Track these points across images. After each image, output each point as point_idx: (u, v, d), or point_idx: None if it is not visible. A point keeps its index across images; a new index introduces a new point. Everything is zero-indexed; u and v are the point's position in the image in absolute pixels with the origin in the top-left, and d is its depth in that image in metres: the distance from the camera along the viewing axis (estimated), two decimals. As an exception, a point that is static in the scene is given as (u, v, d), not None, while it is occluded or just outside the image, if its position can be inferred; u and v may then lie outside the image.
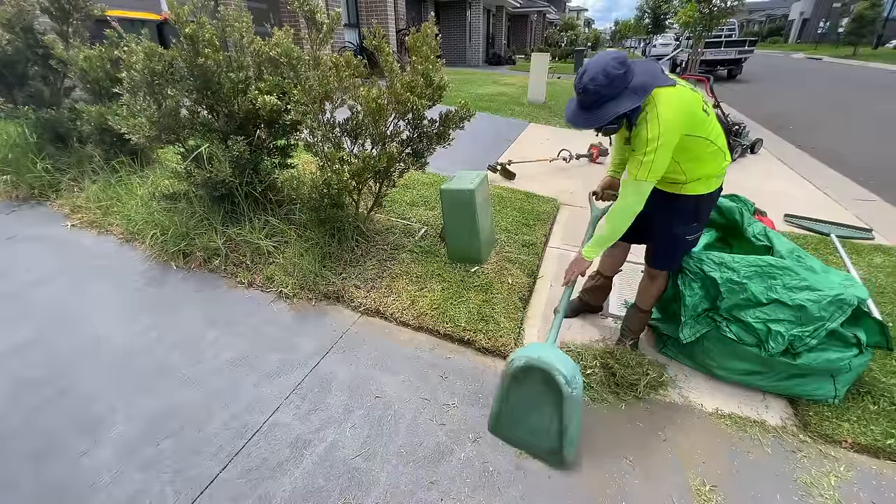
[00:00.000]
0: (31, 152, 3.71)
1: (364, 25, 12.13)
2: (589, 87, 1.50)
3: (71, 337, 2.24)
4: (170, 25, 4.73)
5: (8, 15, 3.54)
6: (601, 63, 1.49)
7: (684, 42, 18.73)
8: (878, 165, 5.78)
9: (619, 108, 1.50)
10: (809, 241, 3.43)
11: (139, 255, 2.94)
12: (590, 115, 1.55)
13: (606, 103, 1.51)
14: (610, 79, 1.47)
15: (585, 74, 1.51)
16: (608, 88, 1.48)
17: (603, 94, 1.50)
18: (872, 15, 26.20)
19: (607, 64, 1.48)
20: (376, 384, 2.04)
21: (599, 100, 1.51)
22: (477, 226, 2.72)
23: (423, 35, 2.61)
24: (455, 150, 3.18)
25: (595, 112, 1.53)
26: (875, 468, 1.71)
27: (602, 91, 1.49)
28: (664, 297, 2.27)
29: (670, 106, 1.54)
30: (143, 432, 1.75)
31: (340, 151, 2.61)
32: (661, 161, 1.57)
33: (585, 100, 1.54)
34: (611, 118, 1.52)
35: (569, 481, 1.63)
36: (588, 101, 1.53)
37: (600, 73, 1.47)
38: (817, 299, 1.83)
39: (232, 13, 2.72)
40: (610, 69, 1.47)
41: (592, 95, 1.51)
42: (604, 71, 1.47)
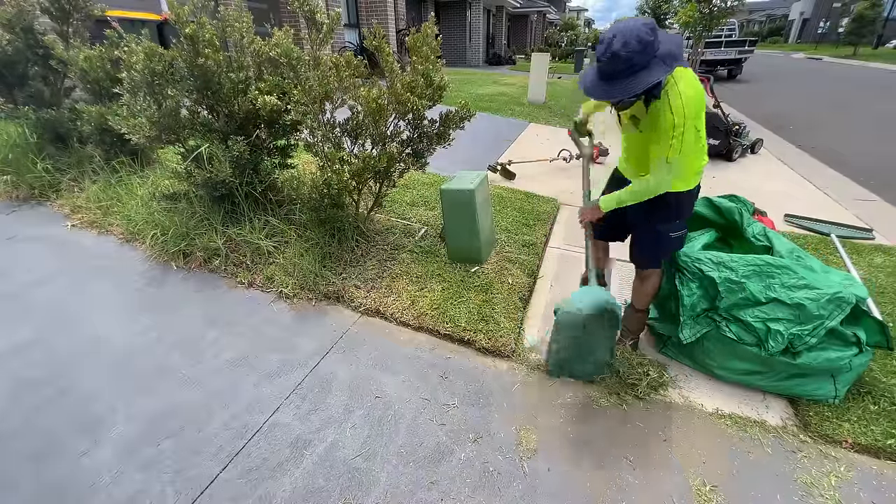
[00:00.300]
0: (32, 152, 3.71)
1: (364, 25, 12.13)
2: (621, 54, 1.35)
3: (71, 337, 2.24)
4: (170, 25, 4.74)
5: (8, 15, 3.55)
6: (633, 28, 1.36)
7: (684, 42, 18.71)
8: (878, 165, 5.78)
9: (651, 78, 1.37)
10: (810, 241, 3.43)
11: (139, 256, 2.94)
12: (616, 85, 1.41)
13: (638, 73, 1.38)
14: (643, 45, 1.35)
15: (615, 39, 1.35)
16: (641, 56, 1.36)
17: (635, 63, 1.37)
18: (872, 15, 26.20)
19: (640, 29, 1.35)
20: (376, 384, 2.04)
21: (631, 68, 1.37)
22: (477, 226, 2.72)
23: (424, 35, 2.61)
24: (455, 150, 3.18)
25: (623, 82, 1.39)
26: (875, 468, 1.71)
27: (634, 59, 1.36)
28: (660, 295, 2.28)
29: (692, 84, 1.49)
30: (143, 432, 1.75)
31: (340, 151, 2.61)
32: (689, 137, 1.52)
33: (613, 68, 1.39)
34: (644, 88, 1.39)
35: (569, 481, 1.63)
36: (616, 69, 1.39)
37: (633, 38, 1.34)
38: (816, 298, 1.83)
39: (232, 13, 2.72)
40: (643, 35, 1.35)
41: (623, 63, 1.37)
42: (637, 36, 1.34)
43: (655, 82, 1.38)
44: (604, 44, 1.39)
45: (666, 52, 1.38)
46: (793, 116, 9.22)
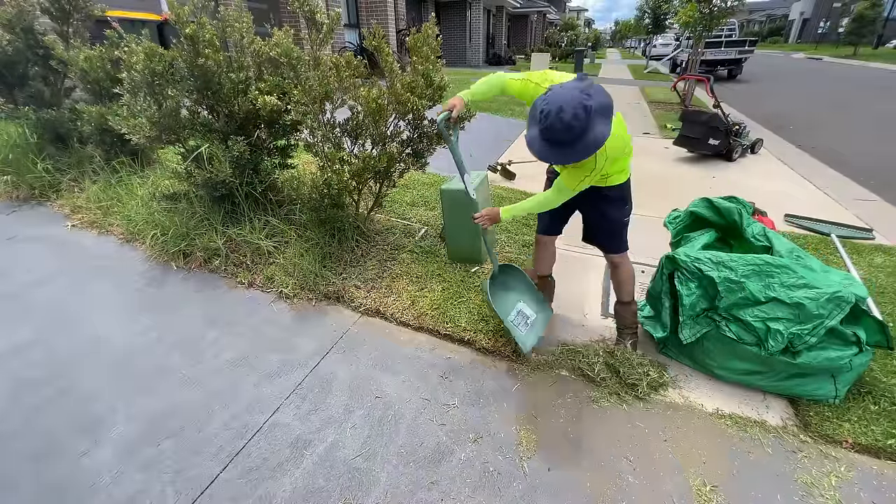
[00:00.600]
0: (32, 153, 3.71)
1: (364, 26, 12.14)
2: (573, 125, 1.43)
3: (71, 337, 2.24)
4: (170, 26, 4.74)
5: (8, 15, 3.55)
6: (576, 98, 1.44)
7: (684, 42, 18.73)
8: (878, 165, 5.78)
9: (600, 136, 1.47)
10: (810, 241, 3.43)
11: (139, 256, 2.94)
12: (570, 151, 1.50)
13: (587, 135, 1.47)
14: (587, 111, 1.43)
15: (564, 112, 1.42)
16: (587, 121, 1.44)
17: (583, 128, 1.45)
18: (872, 15, 26.21)
19: (581, 98, 1.43)
20: (376, 384, 2.04)
21: (582, 134, 1.46)
22: (477, 226, 2.72)
23: (424, 35, 2.61)
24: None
25: (577, 146, 1.48)
26: (876, 468, 1.70)
27: (583, 125, 1.44)
28: (652, 293, 2.29)
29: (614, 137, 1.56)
30: (143, 432, 1.75)
31: (340, 151, 2.61)
32: (595, 179, 1.73)
33: (565, 137, 1.47)
34: (596, 149, 1.49)
35: (569, 481, 1.63)
36: (568, 137, 1.47)
37: (580, 108, 1.42)
38: (815, 297, 1.84)
39: (232, 13, 2.72)
40: (585, 101, 1.43)
41: (576, 132, 1.45)
42: (582, 105, 1.42)
43: (603, 142, 1.48)
44: (551, 116, 1.45)
45: (600, 105, 1.46)
46: (793, 116, 9.22)
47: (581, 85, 1.48)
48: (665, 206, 3.96)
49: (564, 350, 2.24)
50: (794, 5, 48.38)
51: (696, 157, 5.82)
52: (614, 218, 2.04)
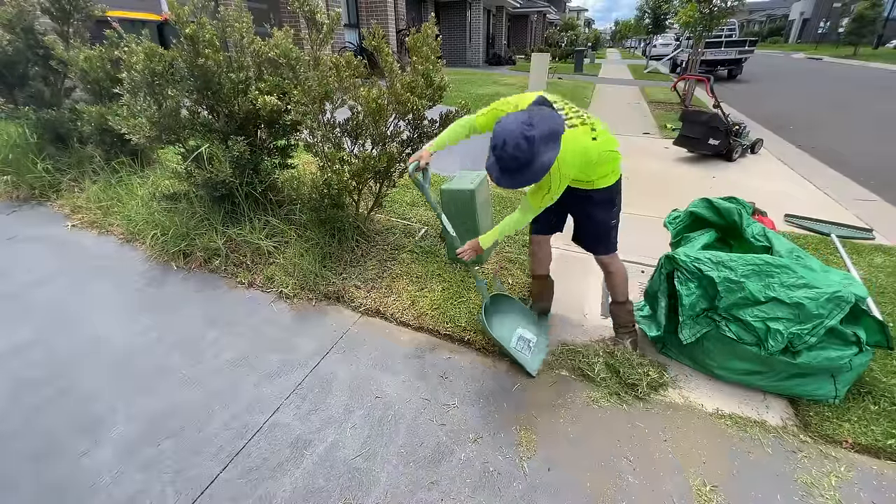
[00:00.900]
0: (32, 153, 3.71)
1: (364, 26, 12.14)
2: (518, 156, 1.55)
3: (71, 337, 2.24)
4: (170, 26, 4.74)
5: (8, 15, 3.55)
6: (515, 130, 1.54)
7: (684, 42, 18.72)
8: (878, 165, 5.78)
9: (546, 161, 1.57)
10: (810, 241, 3.43)
11: (139, 256, 2.94)
12: (520, 177, 1.61)
13: (534, 162, 1.57)
14: (529, 141, 1.53)
15: (507, 145, 1.54)
16: (530, 149, 1.54)
17: (529, 157, 1.56)
18: (873, 15, 26.22)
19: (521, 129, 1.53)
20: (376, 384, 2.04)
21: (528, 161, 1.56)
22: (477, 226, 2.72)
23: (424, 36, 2.61)
24: (455, 151, 3.18)
25: (527, 173, 1.59)
26: (876, 468, 1.70)
27: (526, 155, 1.55)
28: (649, 291, 2.30)
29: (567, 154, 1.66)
30: (143, 432, 1.75)
31: (340, 151, 2.61)
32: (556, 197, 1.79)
33: (514, 165, 1.58)
34: (545, 173, 1.60)
35: (569, 481, 1.63)
36: (517, 165, 1.58)
37: (522, 140, 1.53)
38: (815, 297, 1.84)
39: (232, 13, 2.72)
40: (526, 132, 1.53)
41: (521, 160, 1.56)
42: (523, 136, 1.53)
43: (551, 164, 1.59)
44: (497, 149, 1.58)
45: (543, 134, 1.55)
46: (793, 116, 9.22)
47: (523, 117, 1.57)
48: (665, 206, 3.96)
49: (564, 350, 2.24)
50: (794, 5, 48.39)
51: (696, 157, 5.82)
52: (601, 220, 2.05)
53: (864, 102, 10.91)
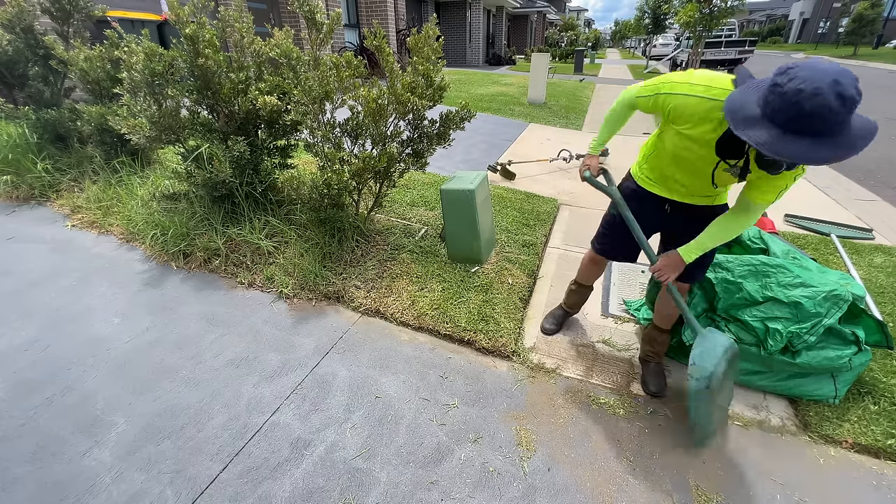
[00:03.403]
0: (32, 153, 3.71)
1: (364, 26, 12.14)
2: (858, 101, 1.07)
3: (71, 337, 2.24)
4: (170, 26, 4.74)
5: (8, 15, 3.55)
6: (842, 69, 1.07)
7: (684, 42, 18.73)
8: (878, 165, 5.78)
9: (869, 121, 1.13)
10: (810, 241, 3.43)
11: (139, 256, 2.94)
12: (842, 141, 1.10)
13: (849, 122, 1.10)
14: (859, 92, 1.08)
15: (844, 87, 1.04)
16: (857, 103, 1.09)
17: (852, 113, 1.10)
18: (872, 15, 26.23)
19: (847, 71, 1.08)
20: (376, 384, 2.04)
21: (850, 119, 1.10)
22: (477, 226, 2.72)
23: (425, 36, 2.61)
24: (455, 151, 3.18)
25: (845, 135, 1.10)
26: (875, 468, 1.71)
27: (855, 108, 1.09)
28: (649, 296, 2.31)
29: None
30: (143, 432, 1.75)
31: (340, 151, 2.61)
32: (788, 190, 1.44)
33: (840, 121, 1.08)
34: (874, 134, 1.13)
35: (569, 481, 1.63)
36: (843, 121, 1.09)
37: (852, 79, 1.07)
38: (812, 295, 1.84)
39: (232, 14, 2.72)
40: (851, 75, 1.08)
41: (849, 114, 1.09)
42: (852, 75, 1.08)
43: (876, 128, 1.12)
44: (824, 93, 1.04)
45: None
46: (793, 116, 9.19)
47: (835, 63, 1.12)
48: (665, 206, 3.95)
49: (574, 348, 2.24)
50: (794, 5, 48.40)
51: (696, 157, 5.81)
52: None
53: (864, 102, 10.81)
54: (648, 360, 2.08)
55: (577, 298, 2.39)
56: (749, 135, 1.17)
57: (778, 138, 1.12)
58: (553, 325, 2.43)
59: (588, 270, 2.27)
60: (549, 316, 2.48)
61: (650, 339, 2.07)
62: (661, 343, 2.05)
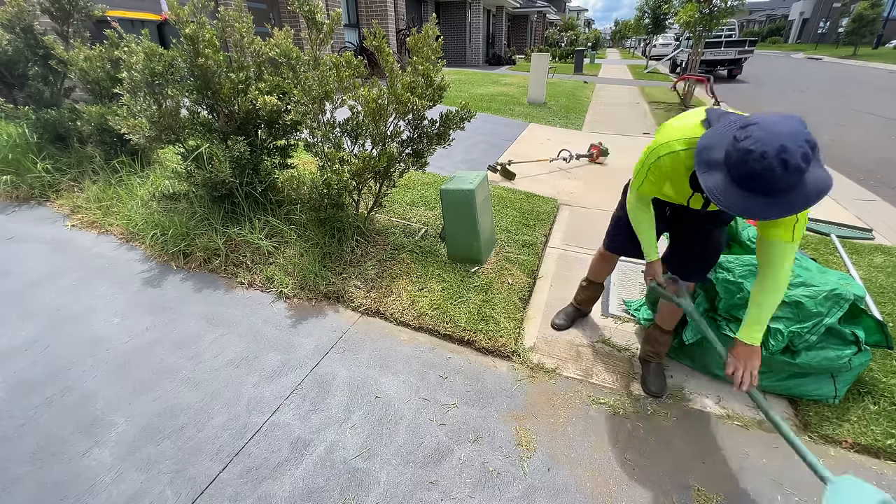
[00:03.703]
0: (32, 153, 3.71)
1: (364, 25, 12.13)
2: (803, 168, 1.08)
3: (71, 337, 2.24)
4: (170, 26, 4.74)
5: (8, 15, 3.55)
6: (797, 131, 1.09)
7: (684, 42, 18.73)
8: (878, 165, 5.78)
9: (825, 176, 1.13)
10: (809, 241, 3.43)
11: (139, 256, 2.94)
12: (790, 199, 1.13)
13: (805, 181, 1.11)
14: (814, 149, 1.09)
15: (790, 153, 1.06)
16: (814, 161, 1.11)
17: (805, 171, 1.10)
18: (872, 15, 26.24)
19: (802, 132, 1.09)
20: (376, 384, 2.04)
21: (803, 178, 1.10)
22: (477, 226, 2.73)
23: (425, 36, 2.61)
24: (455, 151, 3.18)
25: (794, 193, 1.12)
26: (875, 468, 1.71)
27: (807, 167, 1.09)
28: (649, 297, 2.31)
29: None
30: (143, 432, 1.75)
31: (340, 151, 2.61)
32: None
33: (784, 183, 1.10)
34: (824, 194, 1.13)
35: (569, 481, 1.63)
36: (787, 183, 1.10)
37: (806, 145, 1.08)
38: (813, 295, 1.84)
39: (233, 13, 2.72)
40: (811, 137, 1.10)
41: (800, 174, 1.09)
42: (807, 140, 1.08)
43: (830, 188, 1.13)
44: (769, 158, 1.07)
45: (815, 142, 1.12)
46: (793, 116, 9.20)
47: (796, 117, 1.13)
48: (665, 206, 3.94)
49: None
50: (794, 5, 48.42)
51: (696, 157, 5.81)
52: (718, 242, 1.81)
53: (864, 102, 10.91)
54: (649, 361, 2.09)
55: (588, 295, 2.41)
56: (705, 178, 1.23)
57: (728, 188, 1.17)
58: (564, 321, 2.45)
59: (598, 267, 2.31)
60: (560, 312, 2.50)
61: (651, 339, 2.07)
62: (663, 343, 2.04)
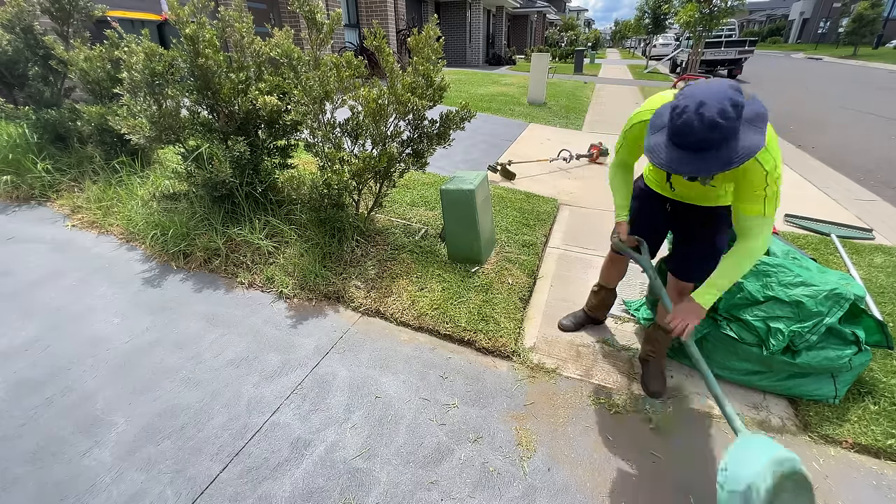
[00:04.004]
0: (32, 153, 3.71)
1: (364, 26, 12.14)
2: (720, 123, 1.16)
3: (71, 337, 2.24)
4: (170, 26, 4.74)
5: (8, 15, 3.55)
6: (723, 92, 1.19)
7: (684, 42, 18.73)
8: (878, 165, 5.78)
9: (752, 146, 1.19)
10: (810, 241, 3.43)
11: (139, 256, 2.94)
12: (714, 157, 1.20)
13: (731, 139, 1.19)
14: (738, 109, 1.18)
15: (706, 108, 1.16)
16: (736, 122, 1.18)
17: (731, 130, 1.18)
18: (872, 15, 26.24)
19: (730, 93, 1.19)
20: (376, 384, 2.04)
21: (728, 136, 1.19)
22: (477, 226, 2.73)
23: (425, 36, 2.61)
24: (455, 151, 3.18)
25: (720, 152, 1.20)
26: (875, 468, 1.71)
27: (731, 125, 1.18)
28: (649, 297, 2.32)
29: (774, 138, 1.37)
30: (143, 432, 1.75)
31: (340, 152, 2.61)
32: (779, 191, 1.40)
33: (706, 137, 1.18)
34: (744, 160, 1.19)
35: (569, 481, 1.63)
36: (711, 138, 1.19)
37: (728, 104, 1.17)
38: (813, 294, 1.84)
39: (233, 14, 2.72)
40: (736, 98, 1.18)
41: (720, 131, 1.17)
42: (731, 101, 1.17)
43: (757, 151, 1.20)
44: (688, 113, 1.18)
45: (754, 114, 1.22)
46: (793, 116, 9.22)
47: (733, 83, 1.23)
48: (665, 206, 3.94)
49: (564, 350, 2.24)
50: (794, 5, 48.43)
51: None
52: (721, 243, 1.79)
53: (865, 102, 10.91)
54: (648, 360, 2.09)
55: (599, 300, 2.36)
56: (649, 139, 1.34)
57: (663, 146, 1.28)
58: (570, 322, 2.43)
59: (608, 271, 2.27)
60: (570, 315, 2.47)
61: (651, 338, 2.07)
62: (663, 343, 2.04)
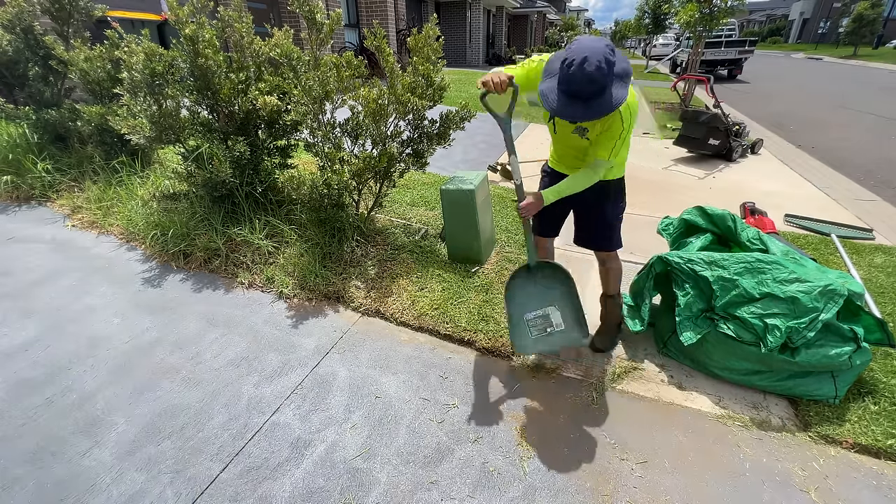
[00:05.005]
0: (32, 153, 3.71)
1: (364, 26, 12.13)
2: (597, 78, 1.41)
3: (71, 337, 2.24)
4: (170, 26, 4.74)
5: (9, 16, 3.55)
6: (599, 49, 1.42)
7: (684, 42, 18.73)
8: (878, 166, 5.78)
9: (618, 97, 1.45)
10: (810, 241, 3.43)
11: (139, 256, 2.94)
12: (593, 106, 1.46)
13: (604, 92, 1.44)
14: (610, 65, 1.42)
15: (587, 64, 1.40)
16: (608, 77, 1.43)
17: (604, 84, 1.43)
18: (872, 15, 26.24)
19: (605, 51, 1.43)
20: (376, 384, 2.04)
21: (602, 89, 1.44)
22: (477, 226, 2.73)
23: (425, 36, 2.61)
24: (455, 151, 3.18)
25: (597, 101, 1.45)
26: (876, 468, 1.70)
27: (604, 80, 1.42)
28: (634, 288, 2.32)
29: (633, 104, 1.65)
30: (143, 432, 1.75)
31: (340, 152, 2.61)
32: (627, 145, 1.74)
33: (587, 89, 1.44)
34: (616, 108, 1.46)
35: (568, 481, 1.63)
36: (591, 90, 1.44)
37: (603, 60, 1.40)
38: (808, 290, 1.85)
39: (232, 14, 2.72)
40: (609, 56, 1.42)
41: (597, 84, 1.42)
42: (605, 58, 1.41)
43: (623, 101, 1.48)
44: (574, 65, 1.42)
45: (623, 68, 1.47)
46: (793, 116, 9.22)
47: (607, 42, 1.47)
48: (665, 206, 3.96)
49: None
50: (794, 5, 48.43)
51: (697, 157, 5.82)
52: (612, 214, 2.04)
53: (864, 102, 10.91)
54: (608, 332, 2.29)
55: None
56: (541, 84, 1.56)
57: (552, 91, 1.52)
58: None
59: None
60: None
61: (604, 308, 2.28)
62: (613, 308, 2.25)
